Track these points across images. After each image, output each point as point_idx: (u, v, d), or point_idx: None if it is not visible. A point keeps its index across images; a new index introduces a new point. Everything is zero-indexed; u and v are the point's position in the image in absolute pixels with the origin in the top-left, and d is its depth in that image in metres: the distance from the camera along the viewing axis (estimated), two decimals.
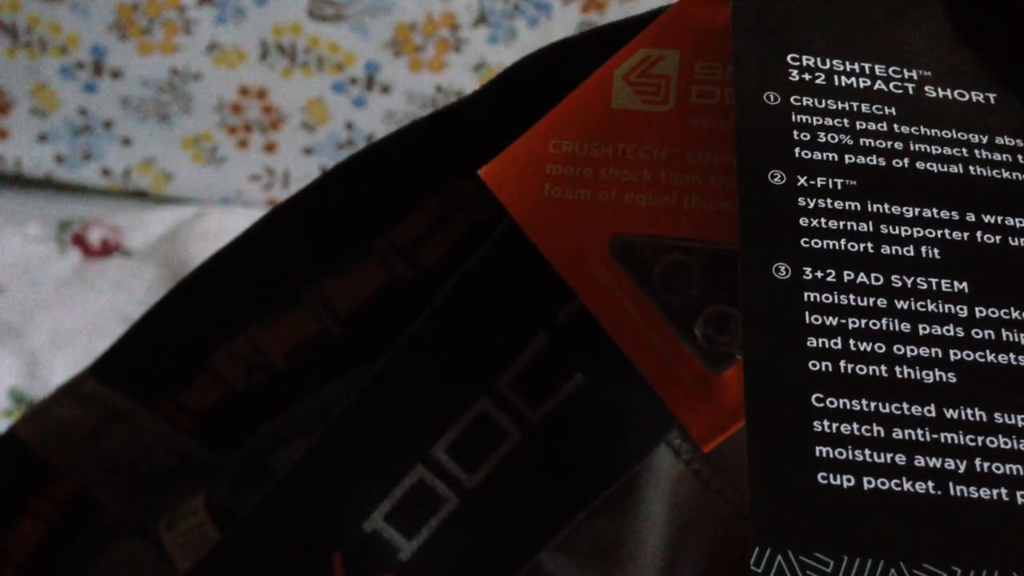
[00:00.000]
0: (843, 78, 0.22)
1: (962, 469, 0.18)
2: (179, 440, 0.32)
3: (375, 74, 0.91)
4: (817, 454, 0.18)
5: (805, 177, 0.20)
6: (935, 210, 0.20)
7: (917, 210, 0.20)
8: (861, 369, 0.19)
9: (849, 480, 0.18)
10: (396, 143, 0.28)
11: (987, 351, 0.19)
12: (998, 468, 0.18)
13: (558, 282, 0.24)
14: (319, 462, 0.26)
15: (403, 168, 0.29)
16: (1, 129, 0.88)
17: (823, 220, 0.20)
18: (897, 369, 0.19)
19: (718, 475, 0.26)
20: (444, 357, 0.26)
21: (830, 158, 0.21)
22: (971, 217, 0.20)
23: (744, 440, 0.18)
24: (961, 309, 0.20)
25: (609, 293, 0.24)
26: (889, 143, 0.21)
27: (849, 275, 0.20)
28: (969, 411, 0.19)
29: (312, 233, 0.29)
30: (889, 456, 0.18)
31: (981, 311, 0.20)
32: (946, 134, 0.21)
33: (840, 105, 0.22)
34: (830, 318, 0.19)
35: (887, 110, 0.22)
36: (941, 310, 0.19)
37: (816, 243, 0.20)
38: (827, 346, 0.19)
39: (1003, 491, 0.18)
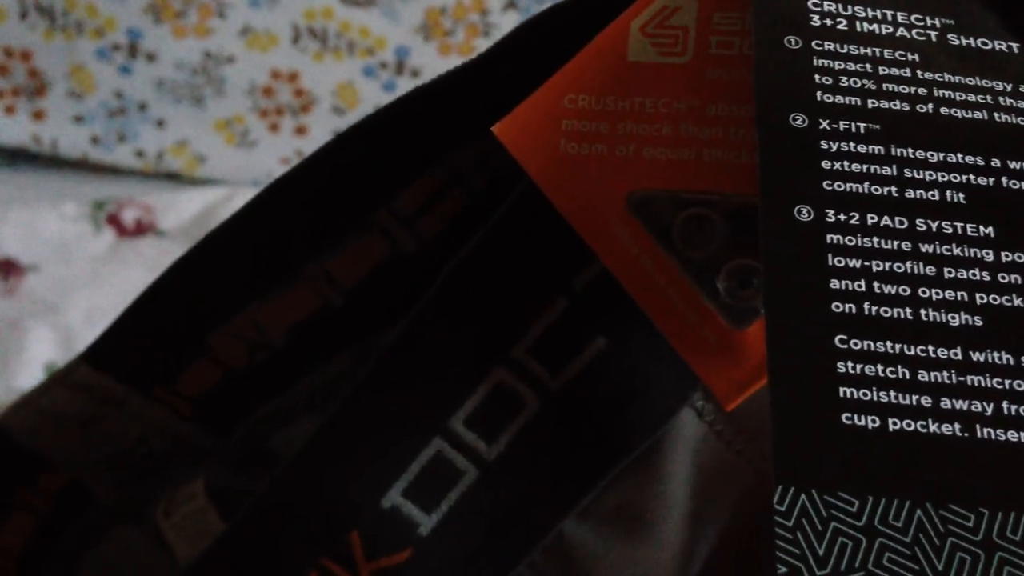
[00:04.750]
0: (865, 24, 0.22)
1: (989, 412, 0.18)
2: (175, 425, 0.31)
3: (405, 58, 0.91)
4: (841, 395, 0.18)
5: (827, 120, 0.20)
6: (960, 155, 0.20)
7: (942, 155, 0.20)
8: (886, 311, 0.19)
9: (874, 421, 0.18)
10: (392, 113, 0.27)
11: (1013, 295, 0.19)
12: None
13: (575, 245, 0.23)
14: (333, 439, 0.26)
15: (401, 138, 0.28)
16: (38, 110, 0.89)
17: (846, 163, 0.20)
18: (922, 312, 0.19)
19: (740, 436, 0.26)
20: (459, 327, 0.25)
21: (853, 102, 0.21)
22: (996, 163, 0.20)
23: (766, 398, 0.18)
24: (987, 253, 0.19)
25: (628, 250, 0.23)
26: (913, 89, 0.21)
27: (873, 218, 0.19)
28: (996, 354, 0.18)
29: (309, 207, 0.29)
30: (915, 398, 0.18)
31: (1007, 256, 0.19)
32: (970, 81, 0.21)
33: (862, 50, 0.21)
34: (853, 260, 0.19)
35: (910, 56, 0.21)
36: (967, 254, 0.19)
37: (839, 186, 0.20)
38: (851, 288, 0.19)
39: None
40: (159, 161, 0.91)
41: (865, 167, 0.20)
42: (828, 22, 0.22)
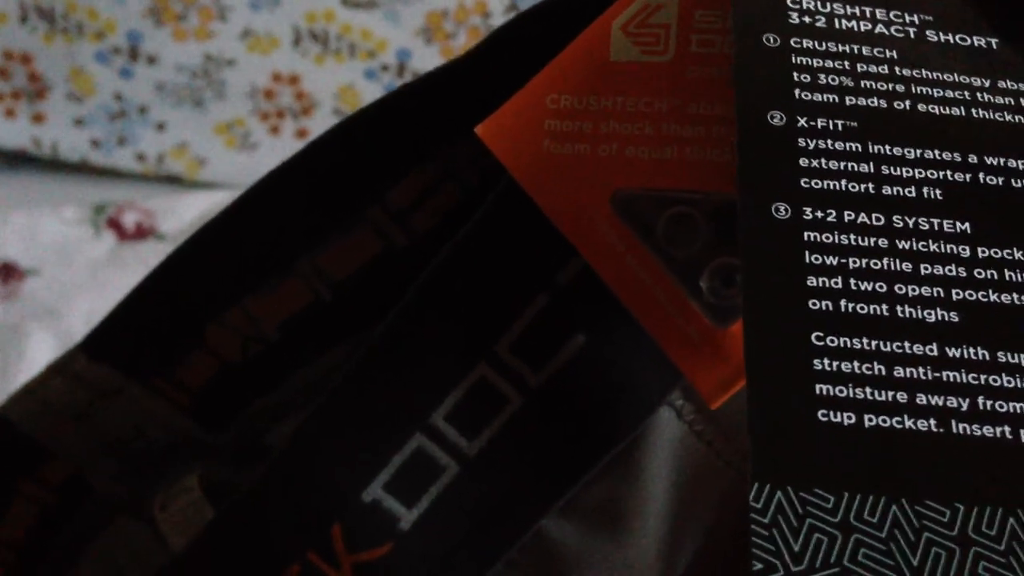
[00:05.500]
0: (843, 21, 0.22)
1: (965, 407, 0.18)
2: (173, 417, 0.31)
3: (407, 61, 0.92)
4: (817, 392, 0.18)
5: (805, 118, 0.20)
6: (937, 152, 0.20)
7: (919, 151, 0.20)
8: (862, 308, 0.19)
9: (850, 417, 0.18)
10: (384, 108, 0.27)
11: (989, 291, 0.19)
12: (1001, 406, 0.18)
13: (558, 242, 0.23)
14: (317, 433, 0.26)
15: (393, 133, 0.28)
16: (38, 113, 0.90)
17: (823, 161, 0.20)
18: (898, 308, 0.19)
19: (720, 436, 0.26)
20: (441, 323, 0.25)
21: (831, 100, 0.21)
22: (973, 159, 0.20)
23: (745, 395, 0.18)
24: (963, 249, 0.19)
25: (612, 249, 0.23)
26: (890, 85, 0.21)
27: (850, 215, 0.20)
28: (972, 350, 0.18)
29: (300, 202, 0.29)
30: (890, 394, 0.18)
31: (984, 251, 0.19)
32: (948, 77, 0.21)
33: (841, 48, 0.21)
34: (830, 258, 0.19)
35: (888, 53, 0.22)
36: (943, 250, 0.19)
37: (816, 183, 0.20)
38: (827, 285, 0.19)
39: (1007, 429, 0.18)
40: (159, 164, 0.91)
41: (842, 164, 0.20)
42: (807, 20, 0.22)
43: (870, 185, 0.20)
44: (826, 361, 0.18)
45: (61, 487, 0.32)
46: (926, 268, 0.19)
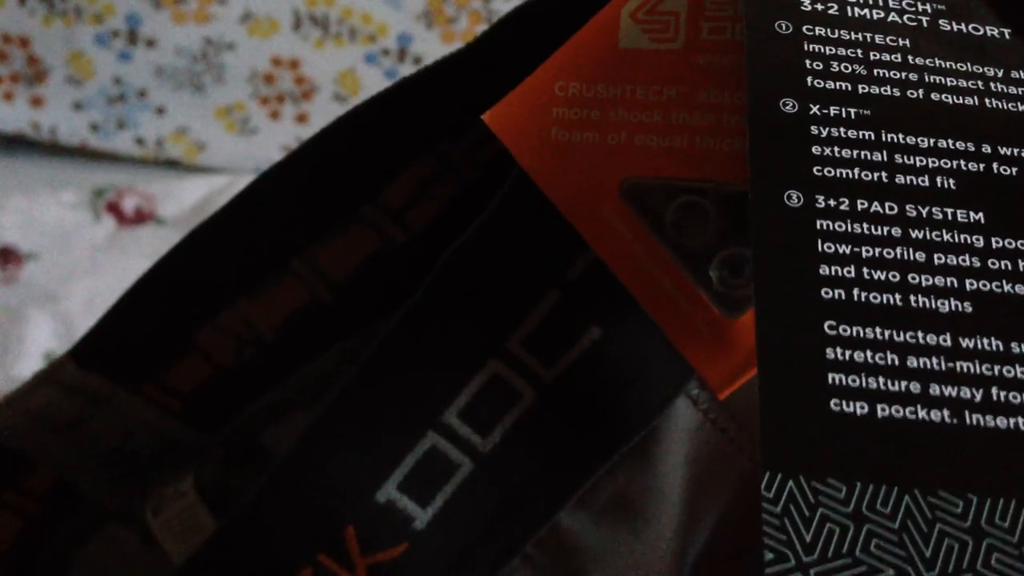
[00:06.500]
0: (856, 9, 0.22)
1: (978, 398, 0.18)
2: (165, 423, 0.31)
3: (407, 45, 0.91)
4: (830, 381, 0.18)
5: (818, 106, 0.20)
6: (951, 141, 0.20)
7: (932, 140, 0.20)
8: (875, 298, 0.19)
9: (862, 407, 0.18)
10: (384, 103, 0.27)
11: (1003, 281, 0.19)
12: (1015, 397, 0.18)
13: (568, 236, 0.23)
14: (326, 433, 0.26)
15: (392, 128, 0.28)
16: (37, 97, 0.89)
17: (836, 149, 0.20)
18: (912, 298, 0.19)
19: (735, 424, 0.26)
20: (452, 320, 0.25)
21: (843, 87, 0.21)
22: (987, 149, 0.20)
23: (758, 384, 0.18)
24: (977, 239, 0.19)
25: (620, 239, 0.23)
26: (904, 74, 0.21)
27: (863, 204, 0.19)
28: (985, 340, 0.18)
29: (297, 200, 0.29)
30: (903, 384, 0.18)
31: (998, 241, 0.19)
32: (961, 67, 0.21)
33: (853, 35, 0.21)
34: (843, 246, 0.19)
35: (901, 42, 0.21)
36: (957, 240, 0.19)
37: (829, 171, 0.20)
38: (840, 274, 0.19)
39: (1020, 420, 0.18)
40: (159, 148, 0.91)
41: (855, 152, 0.20)
42: (819, 7, 0.22)
43: (883, 174, 0.20)
44: (838, 350, 0.18)
45: (46, 496, 0.32)
46: (939, 258, 0.19)
